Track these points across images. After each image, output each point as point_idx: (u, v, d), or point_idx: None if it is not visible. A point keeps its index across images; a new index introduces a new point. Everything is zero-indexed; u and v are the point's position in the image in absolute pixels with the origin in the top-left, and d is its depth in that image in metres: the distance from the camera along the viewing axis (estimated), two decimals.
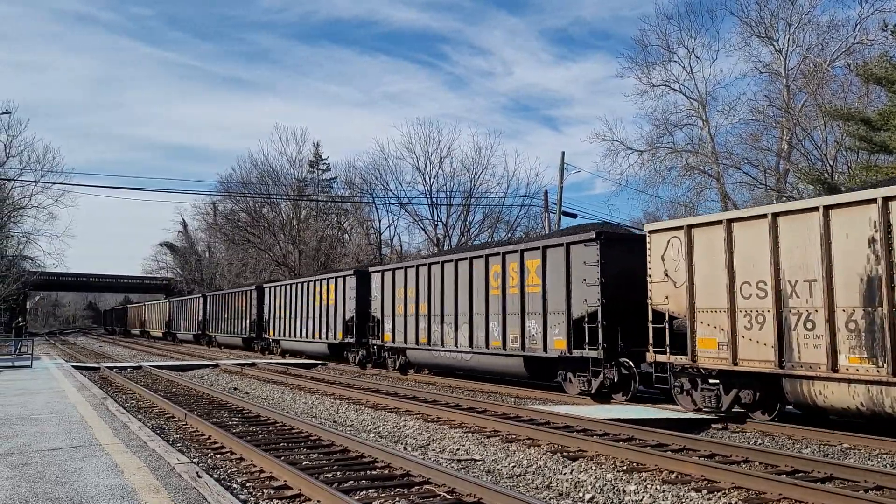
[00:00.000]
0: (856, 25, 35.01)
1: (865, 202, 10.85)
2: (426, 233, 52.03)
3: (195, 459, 9.16)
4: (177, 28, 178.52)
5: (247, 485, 8.03)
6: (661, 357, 13.91)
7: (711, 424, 12.66)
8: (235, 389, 20.02)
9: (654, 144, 41.13)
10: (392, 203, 53.61)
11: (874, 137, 24.47)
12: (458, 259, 21.07)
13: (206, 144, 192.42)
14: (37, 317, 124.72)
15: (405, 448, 10.71)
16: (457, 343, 20.64)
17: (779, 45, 37.89)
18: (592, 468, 8.83)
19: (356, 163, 79.33)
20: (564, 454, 9.69)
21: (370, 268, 26.72)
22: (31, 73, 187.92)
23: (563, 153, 39.87)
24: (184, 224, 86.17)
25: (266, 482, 8.10)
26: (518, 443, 10.65)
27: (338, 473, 8.56)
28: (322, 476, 8.30)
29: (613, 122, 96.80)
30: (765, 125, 37.54)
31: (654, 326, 14.01)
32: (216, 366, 28.42)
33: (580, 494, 7.87)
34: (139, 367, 27.35)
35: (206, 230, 78.28)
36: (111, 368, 26.54)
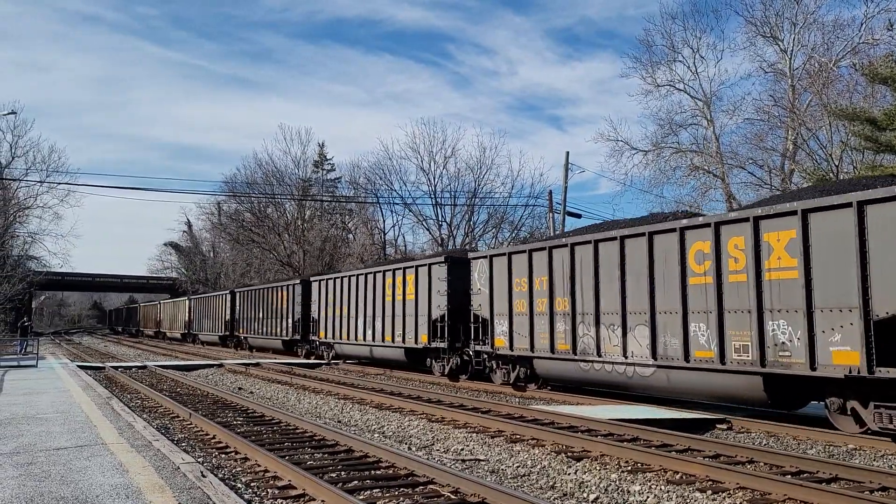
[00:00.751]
0: (861, 25, 34.94)
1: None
2: (430, 233, 52.15)
3: (200, 459, 9.18)
4: (181, 28, 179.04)
5: (251, 484, 8.04)
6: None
7: (716, 425, 12.65)
8: (240, 389, 20.06)
9: (659, 144, 41.09)
10: (396, 203, 53.80)
11: (880, 137, 24.41)
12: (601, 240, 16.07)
13: (211, 144, 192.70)
14: (42, 316, 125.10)
15: (409, 448, 10.72)
16: (626, 352, 15.04)
17: (784, 45, 37.83)
18: (597, 468, 8.83)
19: (360, 163, 79.51)
20: (569, 454, 9.69)
21: (469, 253, 21.89)
22: (37, 73, 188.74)
23: (568, 153, 40.05)
24: (188, 224, 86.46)
25: (270, 482, 8.11)
26: (522, 443, 10.65)
27: (342, 473, 8.57)
28: (326, 476, 8.31)
29: (618, 122, 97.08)
30: (770, 125, 37.48)
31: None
32: (221, 365, 28.49)
33: (584, 495, 7.86)
34: (144, 367, 27.42)
35: (211, 230, 78.51)
36: (116, 368, 26.63)
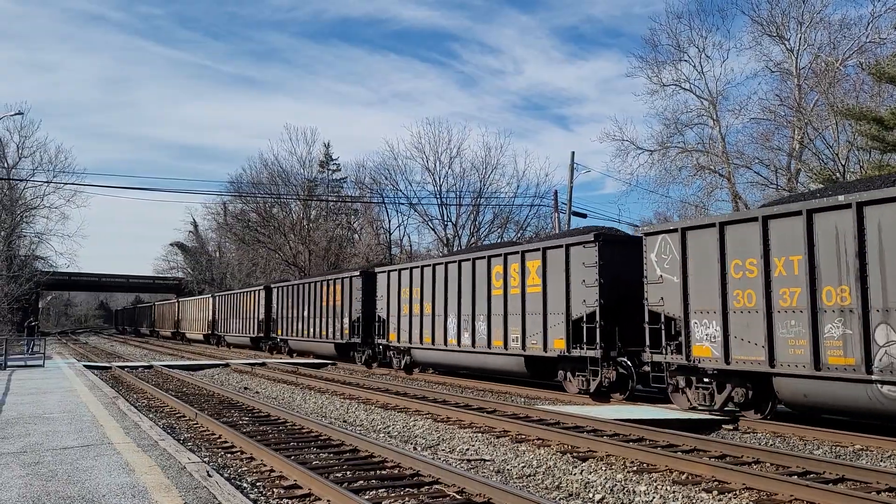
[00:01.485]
0: (868, 24, 34.81)
1: None
2: (436, 233, 52.12)
3: (206, 458, 9.20)
4: (187, 27, 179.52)
5: (257, 484, 8.05)
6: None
7: (722, 425, 12.61)
8: (246, 389, 20.09)
9: (665, 144, 40.99)
10: (402, 203, 53.76)
11: (886, 136, 24.30)
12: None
13: (217, 144, 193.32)
14: (49, 316, 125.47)
15: (415, 448, 10.72)
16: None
17: (790, 44, 37.71)
18: (602, 469, 8.81)
19: (366, 163, 79.87)
20: (574, 454, 9.67)
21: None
22: (43, 73, 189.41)
23: (573, 153, 39.83)
24: (194, 224, 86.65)
25: (276, 481, 8.12)
26: (528, 443, 10.64)
27: (348, 473, 8.57)
28: (332, 476, 8.31)
29: (624, 122, 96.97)
30: (776, 124, 37.37)
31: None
32: (227, 365, 28.55)
33: (590, 495, 7.85)
34: (150, 367, 27.49)
35: (217, 230, 78.74)
36: (122, 368, 26.70)
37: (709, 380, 13.54)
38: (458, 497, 7.35)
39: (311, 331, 32.82)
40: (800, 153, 35.58)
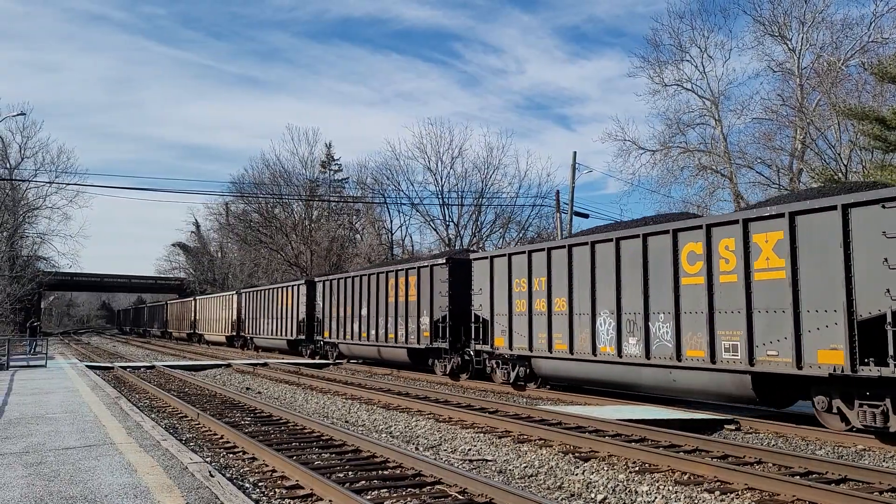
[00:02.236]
0: (870, 23, 34.82)
1: None
2: (438, 233, 52.15)
3: (208, 459, 9.21)
4: (190, 27, 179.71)
5: (259, 484, 8.06)
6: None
7: (724, 426, 12.61)
8: (248, 389, 20.10)
9: (667, 144, 41.01)
10: (404, 203, 53.85)
11: (889, 136, 24.27)
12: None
13: (220, 144, 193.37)
14: (51, 317, 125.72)
15: (417, 448, 10.72)
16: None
17: (792, 44, 37.71)
18: (604, 469, 8.81)
19: (368, 163, 79.31)
20: (576, 455, 9.67)
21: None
22: (45, 73, 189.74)
23: (575, 153, 39.78)
24: (196, 224, 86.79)
25: (278, 481, 8.12)
26: (530, 443, 10.64)
27: (350, 473, 8.58)
28: (334, 476, 8.32)
29: (626, 122, 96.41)
30: (778, 124, 37.34)
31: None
32: (228, 365, 28.58)
33: (592, 495, 7.84)
34: (152, 367, 27.52)
35: (219, 231, 78.87)
36: (125, 368, 26.73)
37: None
38: (460, 497, 7.35)
39: (373, 333, 27.27)
40: (802, 153, 35.56)
